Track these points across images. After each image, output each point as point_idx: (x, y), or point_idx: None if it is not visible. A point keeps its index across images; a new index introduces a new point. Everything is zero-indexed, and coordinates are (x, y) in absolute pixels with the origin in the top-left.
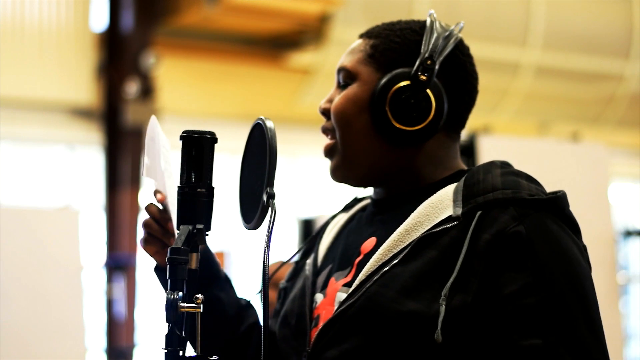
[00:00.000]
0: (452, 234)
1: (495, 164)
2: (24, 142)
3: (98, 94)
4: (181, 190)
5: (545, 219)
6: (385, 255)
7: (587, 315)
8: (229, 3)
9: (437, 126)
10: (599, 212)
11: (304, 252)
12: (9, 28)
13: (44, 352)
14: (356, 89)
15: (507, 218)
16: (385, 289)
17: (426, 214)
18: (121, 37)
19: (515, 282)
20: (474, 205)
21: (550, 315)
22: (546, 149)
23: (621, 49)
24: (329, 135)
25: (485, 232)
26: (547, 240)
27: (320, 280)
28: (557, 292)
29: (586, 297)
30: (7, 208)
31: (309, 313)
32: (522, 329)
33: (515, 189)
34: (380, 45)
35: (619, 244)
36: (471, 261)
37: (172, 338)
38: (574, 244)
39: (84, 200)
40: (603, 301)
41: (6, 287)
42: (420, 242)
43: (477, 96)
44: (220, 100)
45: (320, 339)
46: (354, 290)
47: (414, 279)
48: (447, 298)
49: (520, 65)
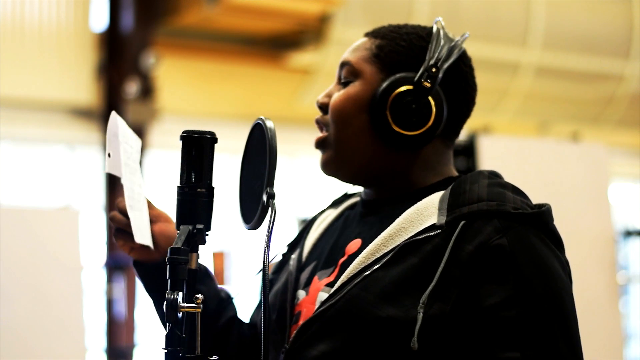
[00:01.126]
0: (434, 242)
1: (483, 173)
2: (24, 142)
3: (98, 94)
4: (181, 190)
5: (528, 233)
6: (367, 258)
7: (566, 330)
8: (229, 3)
9: (435, 133)
10: (599, 212)
11: (291, 245)
12: (9, 28)
13: (44, 352)
14: (358, 87)
15: (491, 230)
16: (366, 293)
17: (411, 220)
18: (121, 37)
19: (496, 295)
20: (458, 215)
21: (529, 328)
22: (546, 149)
23: (621, 49)
24: (322, 128)
25: (468, 243)
26: (529, 254)
27: (303, 276)
28: (537, 306)
29: (565, 311)
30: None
31: (289, 309)
32: (501, 341)
33: (500, 201)
34: (387, 46)
35: (619, 244)
36: (452, 270)
37: (172, 338)
38: (556, 259)
39: (84, 200)
40: (603, 301)
41: (6, 287)
42: (403, 249)
43: (474, 108)
44: (220, 100)
45: (299, 337)
46: (335, 292)
47: (393, 284)
48: (426, 306)
49: (520, 65)
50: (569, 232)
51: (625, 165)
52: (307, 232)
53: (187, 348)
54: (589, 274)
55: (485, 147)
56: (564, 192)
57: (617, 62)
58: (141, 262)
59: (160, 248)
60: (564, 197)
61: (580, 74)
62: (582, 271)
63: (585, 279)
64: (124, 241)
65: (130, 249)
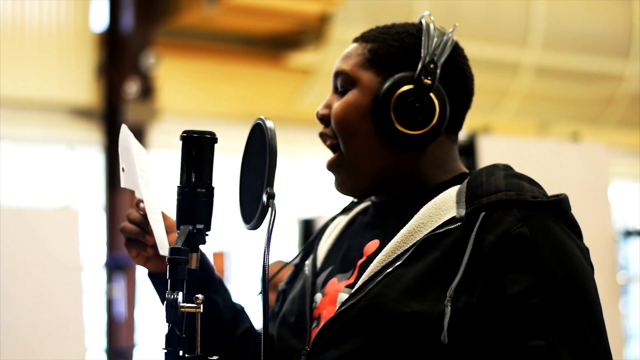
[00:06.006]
0: (455, 235)
1: (498, 166)
2: (24, 142)
3: (98, 94)
4: (181, 190)
5: (548, 221)
6: (388, 256)
7: (591, 317)
8: (229, 3)
9: (440, 129)
10: (599, 212)
11: (303, 254)
12: (9, 28)
13: (44, 352)
14: (357, 94)
15: (512, 219)
16: (389, 290)
17: (429, 215)
18: (121, 37)
19: (520, 283)
20: (478, 207)
21: (553, 316)
22: (546, 149)
23: (621, 49)
24: (327, 141)
25: (490, 233)
26: (551, 242)
27: (320, 280)
28: (560, 294)
29: (589, 299)
30: (7, 208)
31: (309, 312)
32: (525, 330)
33: (518, 190)
34: (379, 49)
35: (619, 244)
36: (475, 262)
37: (172, 338)
38: (577, 246)
39: (84, 200)
40: (603, 301)
41: (6, 287)
42: (423, 244)
43: (473, 97)
44: (220, 100)
45: (320, 338)
46: (357, 291)
47: (417, 280)
48: (452, 299)
49: (520, 65)
50: None
51: (625, 165)
52: (319, 239)
53: (187, 348)
54: None
55: (485, 147)
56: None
57: (617, 62)
58: (157, 274)
59: None
60: None
61: (580, 74)
62: None
63: None
64: (137, 251)
65: (145, 260)
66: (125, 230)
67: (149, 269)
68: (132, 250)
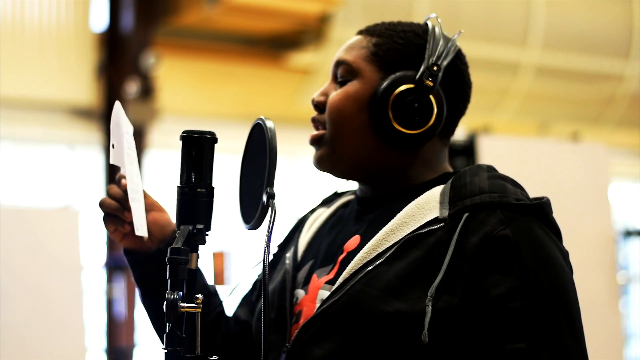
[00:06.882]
0: (438, 235)
1: (482, 167)
2: (24, 142)
3: (98, 94)
4: (181, 190)
5: (531, 224)
6: (369, 254)
7: (570, 321)
8: (229, 3)
9: (435, 131)
10: (599, 212)
11: (282, 244)
12: (9, 28)
13: (44, 352)
14: (357, 86)
15: (495, 221)
16: (370, 288)
17: (412, 214)
18: (121, 37)
19: (502, 286)
20: (461, 208)
21: (535, 319)
22: (546, 149)
23: (621, 49)
24: (318, 127)
25: (473, 234)
26: (533, 244)
27: (301, 275)
28: (542, 297)
29: (569, 302)
30: (7, 208)
31: (289, 308)
32: (507, 332)
33: (502, 192)
34: (384, 44)
35: (619, 244)
36: (458, 263)
37: (172, 338)
38: (558, 250)
39: (84, 200)
40: (603, 301)
41: (6, 287)
42: (406, 243)
43: (468, 105)
44: (220, 100)
45: (301, 336)
46: (337, 289)
47: (398, 278)
48: (433, 299)
49: (520, 65)
50: (569, 232)
51: (625, 165)
52: (299, 231)
53: (187, 348)
54: (589, 274)
55: (485, 147)
56: (564, 192)
57: (617, 62)
58: (133, 251)
59: (153, 237)
60: (564, 197)
61: (580, 74)
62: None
63: (585, 279)
64: (114, 227)
65: (122, 236)
66: (105, 205)
67: (125, 245)
68: (109, 226)
